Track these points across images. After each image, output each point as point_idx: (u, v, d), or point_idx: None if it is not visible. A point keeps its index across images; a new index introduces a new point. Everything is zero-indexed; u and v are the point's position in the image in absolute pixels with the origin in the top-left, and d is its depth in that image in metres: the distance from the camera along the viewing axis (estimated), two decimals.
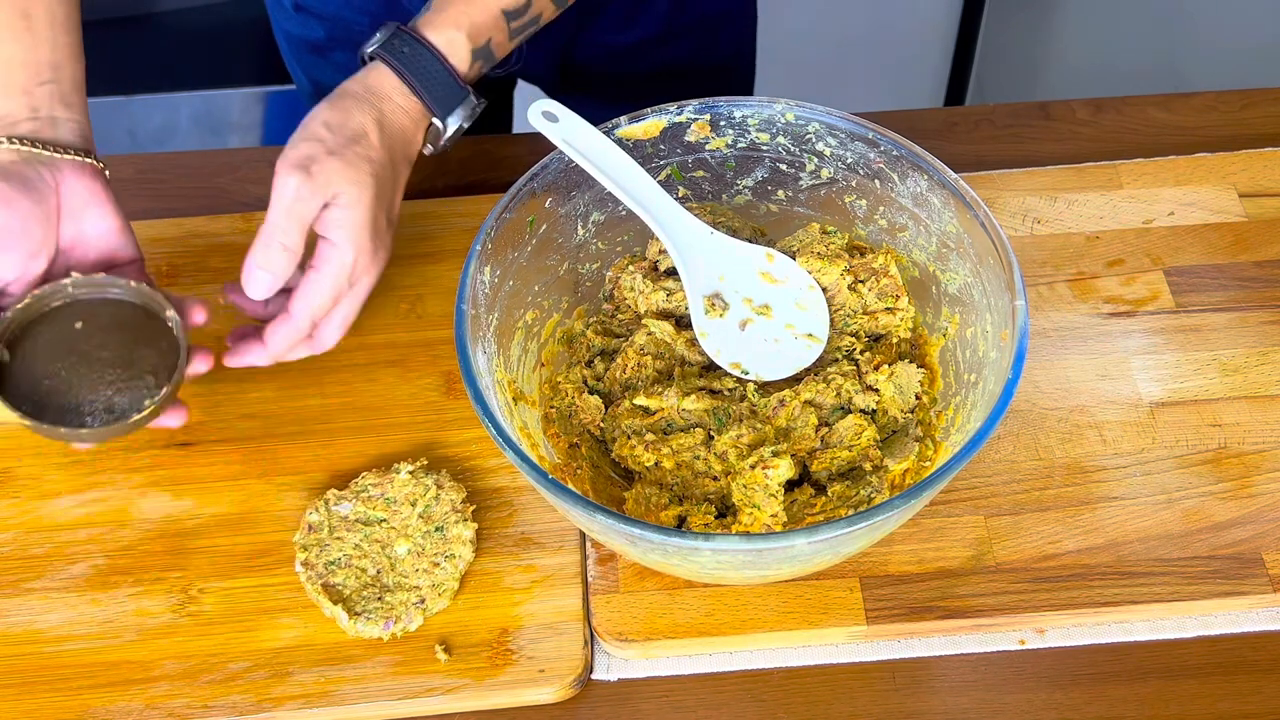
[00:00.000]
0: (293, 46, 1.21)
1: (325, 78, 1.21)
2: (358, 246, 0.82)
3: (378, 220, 0.84)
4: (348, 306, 0.85)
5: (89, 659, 0.81)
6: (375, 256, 0.84)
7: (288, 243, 0.80)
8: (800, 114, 0.86)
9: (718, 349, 0.83)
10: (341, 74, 1.19)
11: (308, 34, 1.17)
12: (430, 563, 0.83)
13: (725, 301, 0.82)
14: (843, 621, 0.81)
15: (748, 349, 0.83)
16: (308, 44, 1.18)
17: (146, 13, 2.04)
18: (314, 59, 1.20)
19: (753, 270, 0.84)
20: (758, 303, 0.83)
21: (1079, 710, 0.79)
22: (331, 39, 1.16)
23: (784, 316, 0.83)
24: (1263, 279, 0.97)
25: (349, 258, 0.82)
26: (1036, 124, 1.10)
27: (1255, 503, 0.85)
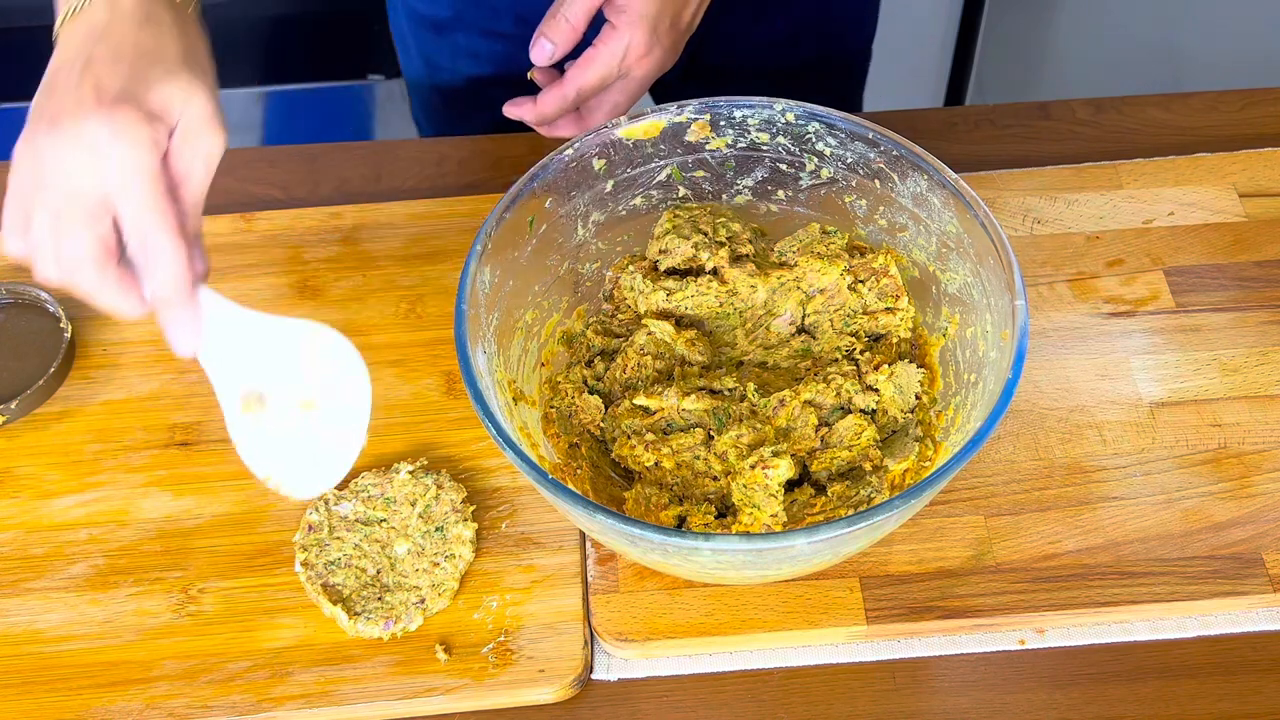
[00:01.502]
0: (413, 23, 1.19)
1: (441, 59, 1.20)
2: (635, 34, 0.87)
3: (659, 18, 0.87)
4: (618, 94, 0.91)
5: (89, 659, 0.81)
6: (651, 52, 0.89)
7: (570, 16, 0.87)
8: (800, 114, 0.86)
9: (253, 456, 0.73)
10: (460, 55, 1.18)
11: (435, 12, 1.16)
12: (430, 563, 0.83)
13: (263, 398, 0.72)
14: (843, 621, 0.81)
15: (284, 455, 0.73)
16: (431, 22, 1.17)
17: None
18: (432, 37, 1.19)
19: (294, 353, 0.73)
20: (300, 395, 0.72)
21: (1079, 710, 0.79)
22: (457, 18, 1.15)
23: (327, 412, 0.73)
24: (1263, 279, 0.97)
25: (624, 42, 0.87)
26: (1036, 124, 1.10)
27: (1255, 503, 0.85)
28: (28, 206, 0.67)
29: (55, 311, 0.95)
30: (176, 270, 0.67)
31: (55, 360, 0.92)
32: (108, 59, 0.66)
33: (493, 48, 1.17)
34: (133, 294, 0.68)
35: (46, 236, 0.66)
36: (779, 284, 0.89)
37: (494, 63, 1.18)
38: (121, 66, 0.66)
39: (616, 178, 0.89)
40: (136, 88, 0.65)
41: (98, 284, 0.67)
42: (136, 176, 0.65)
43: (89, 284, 0.67)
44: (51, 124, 0.65)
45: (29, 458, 0.90)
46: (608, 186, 0.89)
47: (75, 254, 0.66)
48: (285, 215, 1.03)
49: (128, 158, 0.64)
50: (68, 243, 0.66)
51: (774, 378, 0.88)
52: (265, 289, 0.99)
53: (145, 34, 0.67)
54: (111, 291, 0.67)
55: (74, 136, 0.64)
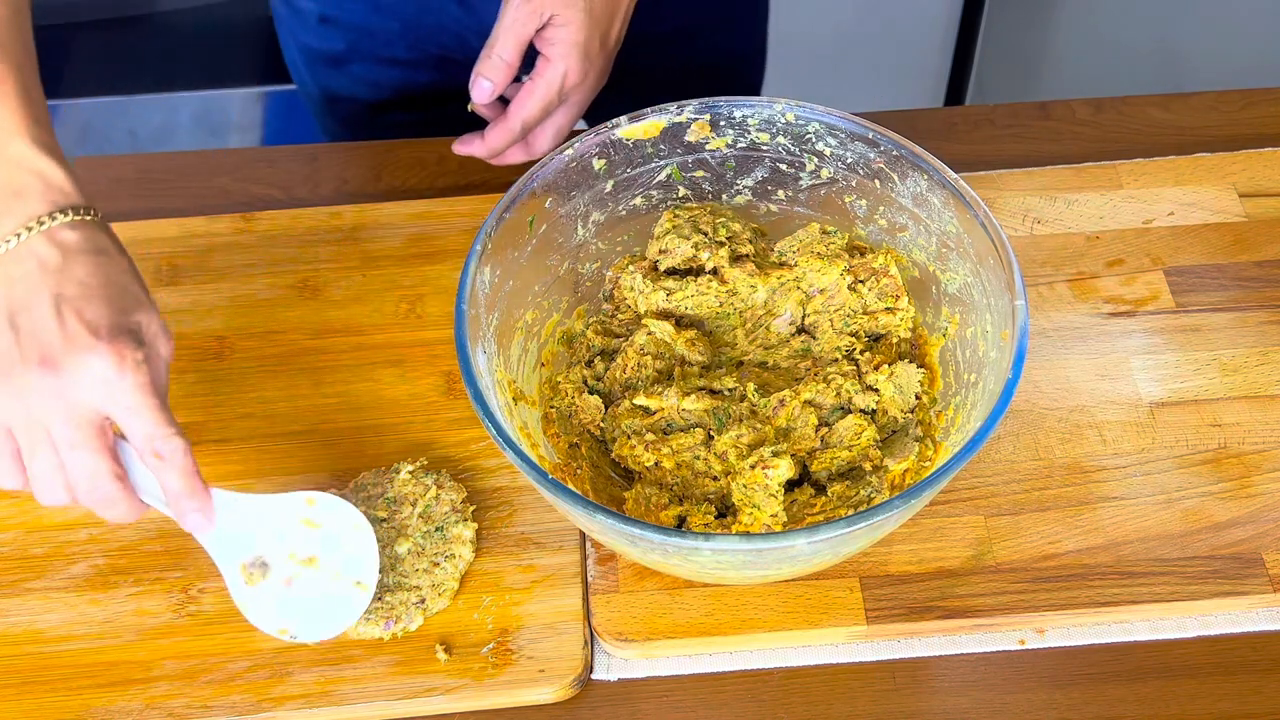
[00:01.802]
0: (308, 59, 1.21)
1: (339, 90, 1.22)
2: (569, 63, 0.91)
3: (590, 42, 0.91)
4: (560, 118, 0.96)
5: (89, 659, 0.81)
6: (586, 75, 0.93)
7: (503, 54, 0.91)
8: (800, 114, 0.86)
9: (262, 617, 0.78)
10: (358, 84, 1.20)
11: (328, 47, 1.18)
12: (430, 563, 0.83)
13: (266, 563, 0.77)
14: (843, 621, 0.81)
15: (295, 610, 0.78)
16: (327, 57, 1.19)
17: (146, 13, 2.04)
18: (330, 71, 1.20)
19: (294, 520, 0.78)
20: (302, 555, 0.77)
21: (1079, 710, 0.79)
22: (353, 50, 1.17)
23: (331, 565, 0.78)
24: (1263, 279, 0.97)
25: (560, 71, 0.91)
26: (1036, 124, 1.10)
27: (1255, 503, 0.85)
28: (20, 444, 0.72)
29: None
30: (188, 466, 0.73)
31: None
32: (82, 295, 0.71)
33: (390, 74, 1.19)
34: (137, 502, 0.75)
35: (52, 469, 0.72)
36: (779, 284, 0.89)
37: (392, 88, 1.20)
38: (99, 301, 0.71)
39: (616, 178, 0.89)
40: (120, 319, 0.71)
41: (118, 497, 0.73)
42: (144, 397, 0.71)
43: (108, 498, 0.73)
44: (45, 366, 0.70)
45: None
46: (608, 186, 0.89)
47: (93, 476, 0.72)
48: (285, 215, 1.03)
49: (135, 383, 0.71)
50: (88, 469, 0.72)
51: (774, 378, 0.88)
52: (265, 289, 0.99)
53: (103, 266, 0.73)
54: (124, 502, 0.74)
55: (78, 372, 0.70)
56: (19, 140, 0.73)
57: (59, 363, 0.70)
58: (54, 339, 0.70)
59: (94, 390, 0.70)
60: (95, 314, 0.71)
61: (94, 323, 0.70)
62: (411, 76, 1.18)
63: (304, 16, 1.16)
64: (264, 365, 0.94)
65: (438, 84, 1.19)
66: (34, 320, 0.70)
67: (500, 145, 0.96)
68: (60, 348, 0.70)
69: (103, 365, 0.70)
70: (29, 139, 0.73)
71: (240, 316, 0.97)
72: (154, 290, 0.98)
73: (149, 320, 0.73)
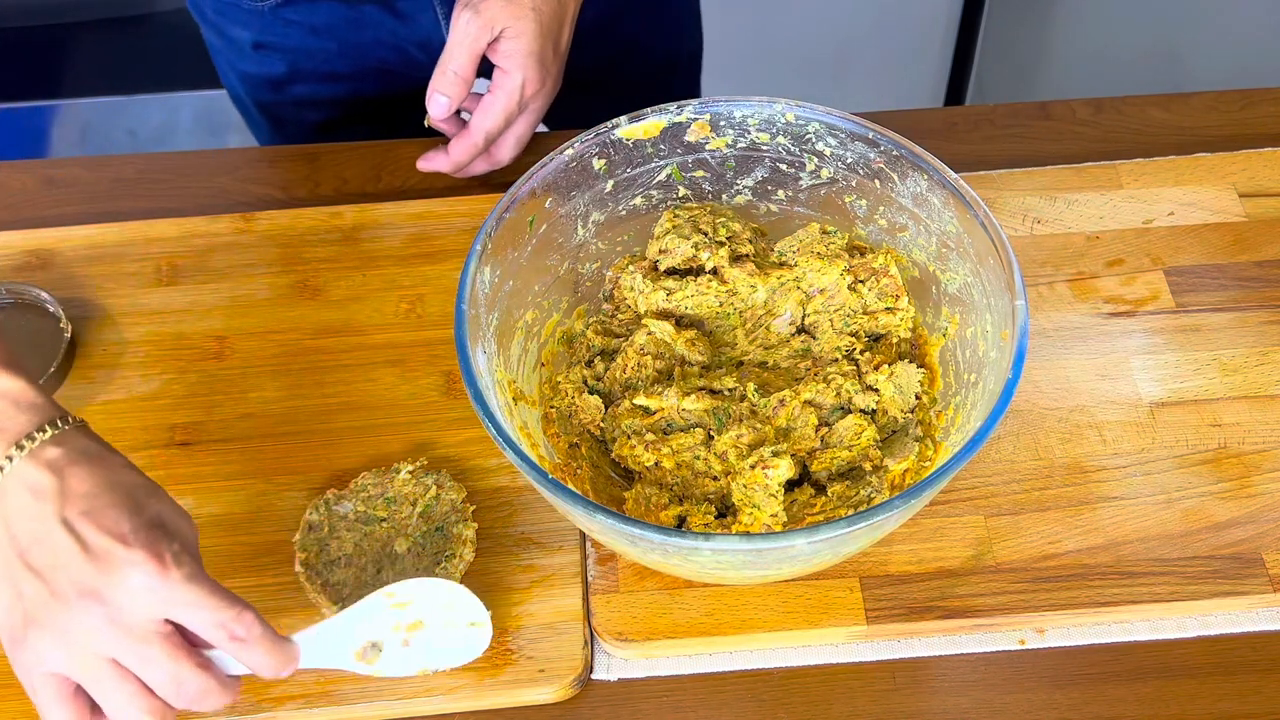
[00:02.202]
0: (249, 86, 1.21)
1: (285, 115, 1.22)
2: (525, 73, 0.94)
3: (544, 51, 0.94)
4: (521, 127, 0.98)
5: None
6: (543, 83, 0.96)
7: (458, 69, 0.93)
8: (800, 114, 0.86)
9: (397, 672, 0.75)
10: (303, 106, 1.20)
11: (268, 71, 1.18)
12: (430, 562, 0.83)
13: (376, 644, 0.74)
14: (843, 621, 0.81)
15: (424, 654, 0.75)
16: (268, 81, 1.19)
17: (146, 13, 2.04)
18: (272, 97, 1.20)
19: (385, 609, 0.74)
20: (406, 624, 0.74)
21: (1079, 710, 0.79)
22: (293, 72, 1.17)
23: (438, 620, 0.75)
24: (1263, 279, 0.97)
25: (518, 82, 0.94)
26: (1036, 124, 1.10)
27: (1255, 503, 0.85)
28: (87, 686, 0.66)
29: (55, 311, 0.95)
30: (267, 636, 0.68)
31: (55, 360, 0.92)
32: (92, 509, 0.65)
33: (333, 90, 1.19)
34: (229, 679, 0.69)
35: (129, 697, 0.66)
36: (779, 284, 0.89)
37: (338, 106, 1.21)
38: (112, 508, 0.65)
39: (616, 178, 0.89)
40: (141, 518, 0.66)
41: (210, 688, 0.67)
42: (197, 589, 0.65)
43: (202, 693, 0.67)
44: (84, 595, 0.64)
45: None
46: (608, 186, 0.89)
47: (180, 681, 0.66)
48: (285, 215, 1.03)
49: (183, 577, 0.65)
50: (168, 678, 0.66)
51: (774, 378, 0.88)
52: (265, 289, 0.99)
53: (99, 469, 0.67)
54: (219, 691, 0.68)
55: (124, 591, 0.64)
56: None
57: (98, 589, 0.64)
58: (81, 565, 0.64)
59: (145, 601, 0.64)
60: (114, 522, 0.65)
61: (117, 531, 0.65)
62: (356, 89, 1.19)
63: (238, 45, 1.16)
64: (264, 365, 0.94)
65: (383, 95, 1.19)
66: (52, 554, 0.65)
67: (465, 159, 0.98)
68: (94, 572, 0.64)
69: (145, 574, 0.64)
70: None
71: (240, 316, 0.97)
72: (154, 290, 0.99)
73: (166, 508, 0.68)
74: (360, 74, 1.17)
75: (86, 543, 0.64)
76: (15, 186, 1.08)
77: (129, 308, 0.98)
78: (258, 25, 1.13)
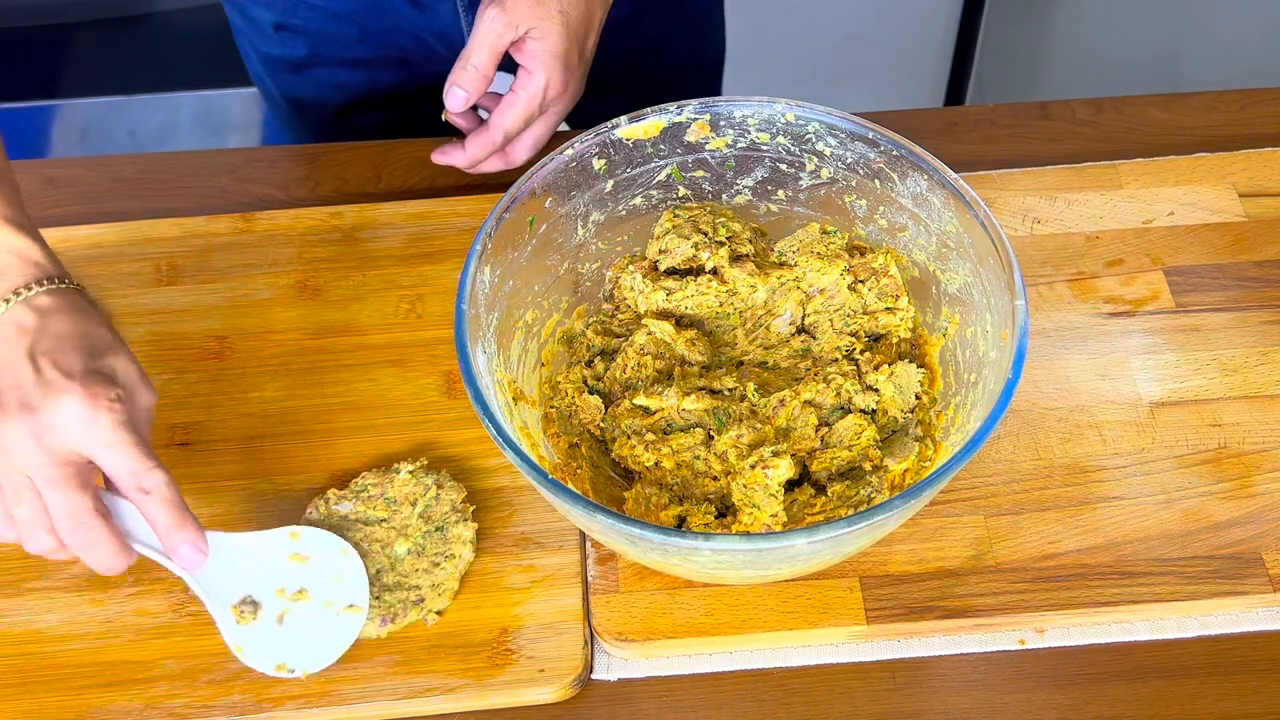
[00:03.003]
0: (270, 67, 1.21)
1: (304, 96, 1.22)
2: (549, 74, 0.93)
3: (569, 55, 0.93)
4: (539, 129, 0.97)
5: (89, 659, 0.81)
6: (566, 87, 0.94)
7: (478, 65, 0.92)
8: (800, 114, 0.86)
9: (258, 657, 0.78)
10: (322, 88, 1.20)
11: (289, 53, 1.18)
12: (430, 562, 0.83)
13: (256, 601, 0.78)
14: (843, 621, 0.81)
15: (291, 644, 0.78)
16: (288, 63, 1.19)
17: (146, 13, 2.04)
18: (293, 78, 1.20)
19: (281, 556, 0.79)
20: (291, 590, 0.78)
21: (1079, 710, 0.79)
22: (314, 55, 1.17)
23: (321, 595, 0.79)
24: (1263, 279, 0.97)
25: (540, 83, 0.93)
26: (1036, 124, 1.10)
27: (1255, 503, 0.85)
28: (5, 493, 0.73)
29: None
30: (173, 498, 0.74)
31: None
32: (56, 348, 0.73)
33: (352, 76, 1.19)
34: (125, 546, 0.75)
35: (36, 512, 0.73)
36: (779, 284, 0.89)
37: (356, 90, 1.21)
38: (72, 350, 0.74)
39: (616, 178, 0.89)
40: (93, 363, 0.74)
41: (100, 536, 0.73)
42: (120, 433, 0.72)
43: (93, 538, 0.73)
44: (22, 409, 0.72)
45: None
46: (608, 186, 0.89)
47: (75, 514, 0.73)
48: (285, 215, 1.03)
49: (110, 421, 0.72)
50: (70, 507, 0.72)
51: (774, 378, 0.88)
52: (265, 289, 0.99)
53: (78, 321, 0.75)
54: (110, 543, 0.74)
55: (54, 415, 0.71)
56: None
57: (35, 406, 0.72)
58: (30, 387, 0.72)
59: (70, 430, 0.72)
60: (69, 361, 0.73)
61: (67, 368, 0.73)
62: (375, 77, 1.19)
63: (260, 25, 1.17)
64: (264, 365, 0.94)
65: (402, 83, 1.19)
66: (13, 375, 0.73)
67: (481, 155, 0.97)
68: (36, 394, 0.72)
69: (75, 403, 0.71)
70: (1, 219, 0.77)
71: (240, 316, 0.97)
72: (154, 290, 0.99)
73: (125, 367, 0.75)
74: (380, 61, 1.17)
75: (41, 372, 0.72)
76: None
77: (129, 307, 0.98)
78: (280, 7, 1.13)
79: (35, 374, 0.73)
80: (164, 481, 0.74)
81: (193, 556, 0.76)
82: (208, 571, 0.77)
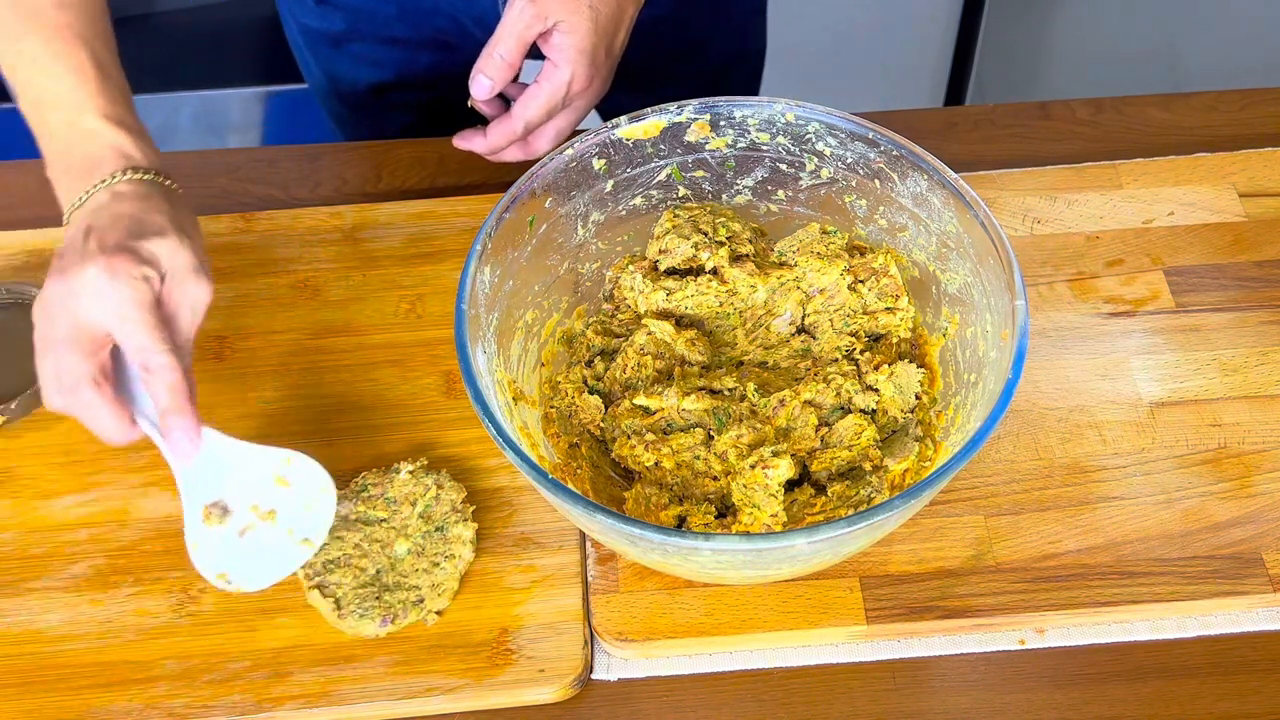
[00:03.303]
0: (309, 40, 1.22)
1: (340, 70, 1.22)
2: (574, 69, 0.91)
3: (596, 50, 0.92)
4: (562, 121, 0.96)
5: (89, 659, 0.81)
6: (591, 82, 0.93)
7: (504, 54, 0.92)
8: (800, 114, 0.86)
9: (206, 560, 0.79)
10: (359, 65, 1.21)
11: (328, 26, 1.19)
12: (430, 563, 0.83)
13: (227, 509, 0.79)
14: (843, 621, 0.81)
15: (240, 558, 0.79)
16: (326, 37, 1.20)
17: (146, 13, 2.04)
18: (330, 52, 1.21)
19: (267, 475, 0.81)
20: (264, 508, 0.80)
21: (1079, 710, 0.79)
22: (352, 30, 1.18)
23: (287, 521, 0.80)
24: (1263, 279, 0.97)
25: (565, 76, 0.92)
26: (1036, 124, 1.10)
27: (1255, 503, 0.85)
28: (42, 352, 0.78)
29: None
30: (175, 381, 0.76)
31: None
32: (107, 225, 0.78)
33: (389, 54, 1.19)
34: (125, 419, 0.77)
35: (51, 368, 0.77)
36: (779, 284, 0.89)
37: (393, 68, 1.21)
38: (118, 228, 0.77)
39: (616, 178, 0.89)
40: (130, 241, 0.77)
41: (94, 402, 0.76)
42: (134, 308, 0.75)
43: (86, 402, 0.76)
44: (59, 275, 0.77)
45: (29, 458, 0.90)
46: (608, 186, 0.89)
47: (75, 376, 0.76)
48: (285, 215, 1.03)
49: (126, 293, 0.75)
50: (68, 368, 0.76)
51: (774, 378, 0.88)
52: (265, 289, 0.99)
53: (139, 206, 0.79)
54: (106, 411, 0.76)
55: (78, 281, 0.75)
56: (92, 116, 0.81)
57: (68, 272, 0.76)
58: (74, 256, 0.77)
59: (91, 299, 0.75)
60: (109, 237, 0.77)
61: (104, 242, 0.76)
62: (412, 57, 1.19)
63: None
64: (264, 365, 0.94)
65: (439, 65, 1.20)
66: (70, 245, 0.78)
67: (501, 144, 0.96)
68: (74, 262, 0.76)
69: (97, 274, 0.75)
70: (101, 115, 0.81)
71: (240, 316, 0.97)
72: None
73: (172, 254, 0.78)
74: (417, 41, 1.18)
75: (86, 245, 0.77)
76: (15, 186, 1.08)
77: None
78: None
79: (82, 245, 0.77)
80: (169, 365, 0.76)
81: (183, 444, 0.78)
82: (194, 466, 0.79)
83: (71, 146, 0.82)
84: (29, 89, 0.83)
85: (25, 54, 0.83)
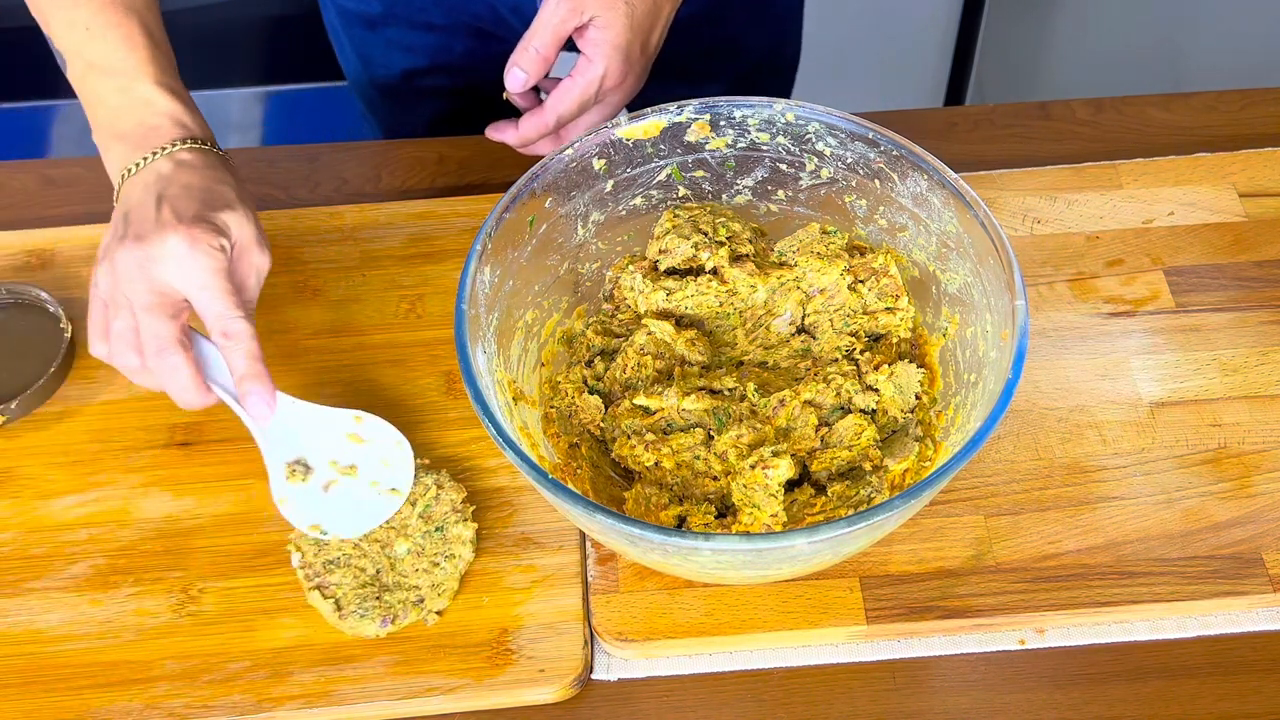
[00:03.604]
0: (345, 21, 1.22)
1: (375, 54, 1.23)
2: (608, 64, 0.92)
3: (631, 46, 0.92)
4: (594, 116, 0.96)
5: (89, 659, 0.81)
6: (625, 78, 0.94)
7: (539, 47, 0.92)
8: (800, 114, 0.86)
9: (297, 513, 0.83)
10: (393, 49, 1.21)
11: (365, 9, 1.19)
12: (430, 562, 0.83)
13: (308, 466, 0.84)
14: (843, 621, 0.81)
15: (330, 510, 0.84)
16: (362, 18, 1.20)
17: None
18: (365, 34, 1.21)
19: (340, 434, 0.85)
20: (344, 464, 0.84)
21: (1079, 710, 0.79)
22: (389, 14, 1.18)
23: (369, 474, 0.85)
24: (1263, 279, 0.97)
25: (599, 72, 0.92)
26: (1036, 124, 1.10)
27: (1255, 503, 0.85)
28: (108, 311, 0.81)
29: (55, 311, 0.95)
30: (253, 348, 0.80)
31: (55, 360, 0.92)
32: (180, 195, 0.81)
33: (424, 40, 1.20)
34: (202, 383, 0.81)
35: (128, 329, 0.80)
36: (779, 284, 0.89)
37: (427, 54, 1.21)
38: (192, 199, 0.81)
39: (616, 178, 0.89)
40: (206, 212, 0.81)
41: (179, 365, 0.79)
42: (215, 277, 0.80)
43: (172, 365, 0.79)
44: (136, 240, 0.80)
45: (29, 458, 0.90)
46: (608, 186, 0.89)
47: (159, 338, 0.79)
48: (285, 215, 1.03)
49: (207, 263, 0.79)
50: (155, 331, 0.79)
51: (774, 378, 0.88)
52: (265, 288, 0.98)
53: (207, 176, 0.83)
54: (188, 374, 0.80)
55: (159, 248, 0.79)
56: (145, 83, 0.85)
57: (146, 239, 0.79)
58: (149, 223, 0.80)
59: (169, 265, 0.79)
60: (185, 207, 0.81)
61: (181, 212, 0.80)
62: (447, 43, 1.19)
63: None
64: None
65: (473, 52, 1.20)
66: (140, 212, 0.81)
67: (533, 136, 0.96)
68: (150, 229, 0.80)
69: (179, 242, 0.79)
70: (154, 83, 0.85)
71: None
72: None
73: (240, 224, 0.82)
74: (453, 28, 1.18)
75: (160, 211, 0.80)
76: (15, 186, 1.09)
77: None
78: None
79: (156, 213, 0.80)
80: (247, 332, 0.80)
81: (260, 407, 0.82)
82: (272, 427, 0.83)
83: (124, 113, 0.85)
84: (80, 56, 0.86)
85: (77, 22, 0.85)
